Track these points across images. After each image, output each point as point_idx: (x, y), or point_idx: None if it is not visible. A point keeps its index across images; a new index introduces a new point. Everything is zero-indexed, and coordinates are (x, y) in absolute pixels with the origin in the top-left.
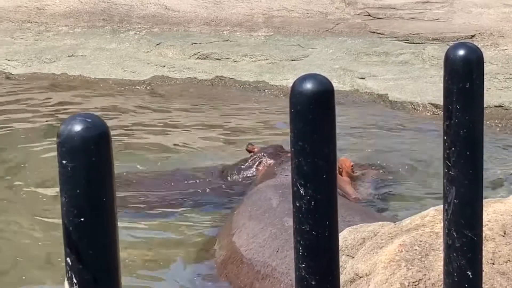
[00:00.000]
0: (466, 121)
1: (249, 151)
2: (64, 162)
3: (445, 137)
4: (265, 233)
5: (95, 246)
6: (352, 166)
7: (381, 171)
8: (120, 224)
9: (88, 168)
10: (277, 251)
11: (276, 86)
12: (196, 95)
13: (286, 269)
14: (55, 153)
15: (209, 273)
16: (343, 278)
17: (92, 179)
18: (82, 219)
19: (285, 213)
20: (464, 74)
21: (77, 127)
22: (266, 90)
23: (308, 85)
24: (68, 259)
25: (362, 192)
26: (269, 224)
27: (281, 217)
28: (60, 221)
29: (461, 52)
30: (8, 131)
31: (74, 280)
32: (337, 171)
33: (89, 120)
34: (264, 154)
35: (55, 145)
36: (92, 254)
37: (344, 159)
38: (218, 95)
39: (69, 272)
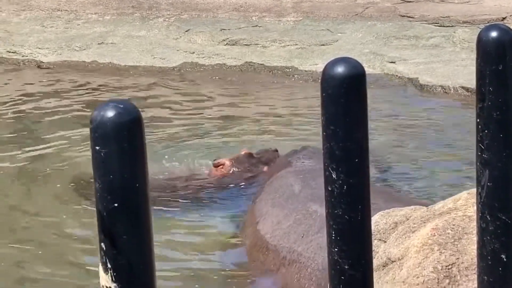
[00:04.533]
0: (499, 103)
1: (216, 166)
2: (97, 148)
3: (478, 120)
4: (289, 219)
5: (129, 231)
6: None
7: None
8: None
9: (121, 153)
10: (302, 236)
11: (306, 71)
12: (225, 81)
13: (312, 254)
14: (88, 140)
15: (235, 262)
16: (375, 262)
17: (125, 164)
18: (116, 205)
19: (308, 198)
20: (497, 56)
21: (110, 113)
22: (296, 75)
23: (340, 69)
24: (102, 244)
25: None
26: (293, 210)
27: (304, 203)
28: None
29: (494, 34)
30: (39, 119)
31: (109, 265)
32: None
33: (122, 106)
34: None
35: (88, 132)
36: (126, 239)
37: None
38: (248, 81)
39: (104, 257)
